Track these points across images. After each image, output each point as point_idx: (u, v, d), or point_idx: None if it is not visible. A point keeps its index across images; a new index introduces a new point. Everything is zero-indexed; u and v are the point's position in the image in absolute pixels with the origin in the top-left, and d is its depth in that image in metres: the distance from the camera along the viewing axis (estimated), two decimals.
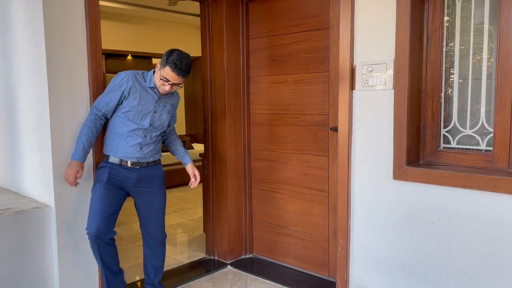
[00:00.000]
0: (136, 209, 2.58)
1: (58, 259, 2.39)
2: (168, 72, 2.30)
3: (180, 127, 8.61)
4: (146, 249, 2.63)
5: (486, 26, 2.26)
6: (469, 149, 2.36)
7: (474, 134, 2.34)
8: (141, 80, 2.42)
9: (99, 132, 2.41)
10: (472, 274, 2.19)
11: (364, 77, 2.49)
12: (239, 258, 3.46)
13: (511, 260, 2.07)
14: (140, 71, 2.46)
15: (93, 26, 2.47)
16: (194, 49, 7.26)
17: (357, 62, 2.53)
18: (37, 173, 2.50)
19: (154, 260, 2.62)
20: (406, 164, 2.37)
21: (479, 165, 2.28)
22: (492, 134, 2.25)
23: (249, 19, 3.31)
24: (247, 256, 3.51)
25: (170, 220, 4.65)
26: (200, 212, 4.41)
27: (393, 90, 2.38)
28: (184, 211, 5.04)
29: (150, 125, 2.44)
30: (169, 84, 2.34)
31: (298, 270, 3.21)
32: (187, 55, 2.35)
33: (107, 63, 6.76)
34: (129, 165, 2.42)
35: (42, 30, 2.29)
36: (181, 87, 2.44)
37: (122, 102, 2.37)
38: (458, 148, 2.39)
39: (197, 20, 3.60)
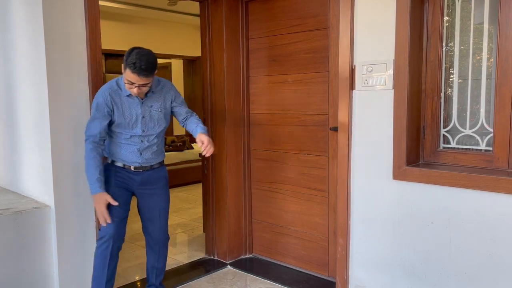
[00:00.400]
0: (138, 210, 2.57)
1: (57, 259, 2.39)
2: (129, 74, 2.18)
3: (180, 127, 8.60)
4: (148, 250, 2.63)
5: (486, 26, 2.26)
6: (469, 149, 2.36)
7: (473, 134, 2.34)
8: (118, 91, 2.33)
9: (101, 156, 2.35)
10: (472, 274, 2.19)
11: (364, 77, 2.49)
12: (239, 258, 3.46)
13: (511, 260, 2.07)
14: (115, 80, 2.36)
15: (93, 26, 2.47)
16: (194, 49, 7.27)
17: (357, 62, 2.53)
18: (37, 173, 2.50)
19: (156, 262, 2.62)
20: (406, 164, 2.37)
21: (479, 165, 2.28)
22: (491, 134, 2.25)
23: (249, 19, 3.31)
24: (247, 256, 3.51)
25: (170, 220, 4.61)
26: (200, 212, 4.41)
27: (393, 90, 2.38)
28: (184, 211, 5.04)
29: (143, 131, 2.39)
30: (135, 86, 2.22)
31: (298, 270, 3.21)
32: (148, 52, 2.22)
33: (107, 63, 6.77)
34: (132, 169, 2.42)
35: (42, 30, 2.29)
36: (149, 87, 2.29)
37: (111, 119, 2.33)
38: (458, 148, 2.39)
39: (197, 20, 3.60)
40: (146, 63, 2.17)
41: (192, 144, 7.18)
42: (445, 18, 2.37)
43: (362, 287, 2.62)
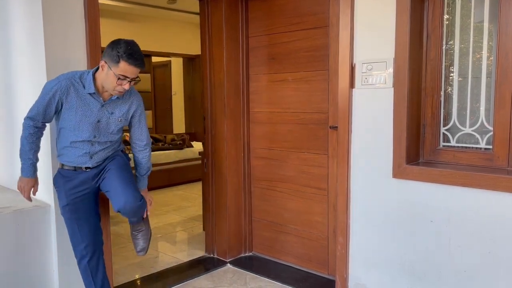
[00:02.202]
0: (105, 193, 2.31)
1: (57, 257, 2.39)
2: (125, 67, 1.99)
3: (180, 126, 8.61)
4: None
5: (486, 24, 2.26)
6: (469, 147, 2.36)
7: (473, 133, 2.34)
8: (78, 86, 2.09)
9: (40, 140, 2.21)
10: (471, 273, 2.19)
11: (364, 76, 2.49)
12: (238, 256, 3.47)
13: (510, 259, 2.07)
14: (79, 73, 2.14)
15: (92, 24, 2.46)
16: (193, 47, 7.26)
17: (356, 60, 2.52)
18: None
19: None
20: (406, 162, 2.36)
21: (478, 163, 2.28)
22: (491, 133, 2.25)
23: (249, 17, 3.31)
24: (246, 254, 3.51)
25: (170, 218, 4.65)
26: (199, 211, 4.41)
27: (393, 88, 2.38)
28: (183, 210, 5.04)
29: (94, 136, 2.17)
30: (128, 81, 2.04)
31: (297, 269, 3.21)
32: (134, 42, 2.06)
33: None
34: (83, 169, 2.23)
35: (41, 29, 2.28)
36: (139, 81, 2.11)
37: (58, 112, 2.13)
38: (458, 147, 2.39)
39: (197, 18, 3.59)
40: (140, 54, 2.03)
41: (192, 143, 7.18)
42: (445, 16, 2.36)
43: (361, 286, 2.63)
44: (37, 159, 2.18)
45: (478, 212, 2.15)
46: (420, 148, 2.47)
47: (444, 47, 2.38)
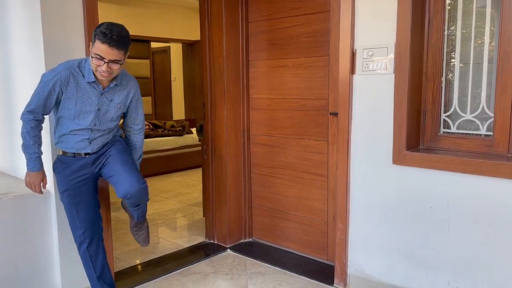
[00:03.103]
0: (106, 179, 2.32)
1: (58, 243, 2.40)
2: (98, 46, 1.93)
3: (179, 112, 8.60)
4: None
5: (488, 9, 2.23)
6: (469, 134, 2.35)
7: (474, 119, 2.33)
8: (78, 75, 2.07)
9: (41, 132, 2.19)
10: (470, 258, 2.21)
11: (365, 61, 2.47)
12: (238, 242, 3.49)
13: (509, 245, 2.08)
14: (77, 62, 2.11)
15: (90, 9, 2.43)
16: (193, 32, 7.20)
17: (357, 46, 2.50)
18: None
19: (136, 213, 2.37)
20: (406, 149, 2.36)
21: (479, 150, 2.28)
22: (492, 119, 2.25)
23: (249, 2, 3.27)
24: (246, 240, 3.53)
25: (170, 204, 4.67)
26: (199, 197, 4.43)
27: (394, 74, 2.37)
28: (183, 196, 5.05)
29: (95, 124, 2.17)
30: (105, 62, 1.96)
31: (297, 254, 3.23)
32: (119, 24, 2.00)
33: None
34: (82, 155, 2.23)
35: (39, 14, 2.25)
36: (122, 64, 2.01)
37: (58, 102, 2.12)
38: (458, 133, 2.39)
39: (196, 3, 3.55)
40: (118, 33, 1.94)
41: (191, 129, 7.18)
42: (447, 1, 2.34)
43: (360, 271, 2.65)
44: (41, 152, 2.17)
45: (477, 198, 2.16)
46: (420, 134, 2.47)
47: (445, 32, 2.36)
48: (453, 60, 2.38)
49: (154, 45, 8.00)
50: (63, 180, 2.23)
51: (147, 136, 6.07)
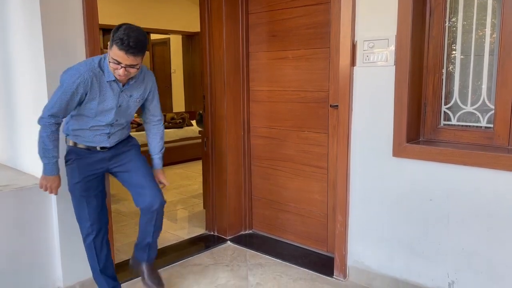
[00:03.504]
0: (124, 183, 2.35)
1: (59, 235, 2.41)
2: (115, 51, 1.94)
3: (179, 104, 8.59)
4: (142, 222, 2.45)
5: (489, 1, 2.22)
6: (470, 126, 2.35)
7: (474, 111, 2.33)
8: (99, 75, 2.06)
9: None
10: (469, 250, 2.22)
11: (365, 53, 2.46)
12: (238, 234, 3.50)
13: (508, 236, 2.09)
14: (97, 60, 2.08)
15: (89, 1, 2.42)
16: (192, 24, 7.17)
17: (358, 37, 2.49)
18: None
19: (151, 236, 2.45)
20: (406, 141, 2.36)
21: (479, 142, 2.28)
22: (493, 111, 2.24)
23: None
24: (246, 232, 3.54)
25: (170, 196, 4.68)
26: (200, 189, 4.43)
27: (394, 66, 2.36)
28: (184, 188, 5.06)
29: (116, 120, 2.19)
30: (122, 67, 1.97)
31: (297, 246, 3.25)
32: (137, 28, 1.98)
33: (104, 39, 6.67)
34: (98, 149, 2.24)
35: (38, 5, 2.24)
36: (137, 69, 2.04)
37: (80, 102, 2.10)
38: (459, 125, 2.38)
39: None
40: (135, 40, 1.93)
41: (192, 121, 7.17)
42: None
43: (360, 263, 2.66)
44: (59, 156, 2.16)
45: (477, 191, 2.16)
46: (420, 126, 2.47)
47: (446, 24, 2.35)
48: (454, 52, 2.37)
49: (153, 36, 7.97)
50: (77, 172, 2.22)
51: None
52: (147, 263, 2.47)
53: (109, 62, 2.00)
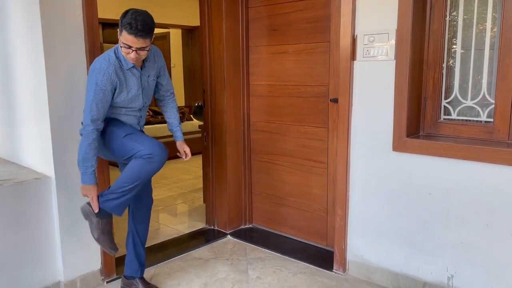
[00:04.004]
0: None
1: (59, 229, 2.42)
2: (126, 36, 2.02)
3: (179, 99, 8.56)
4: (133, 220, 2.48)
5: None
6: (470, 120, 2.35)
7: (475, 106, 2.33)
8: (120, 65, 2.14)
9: None
10: (468, 244, 2.23)
11: (366, 48, 2.46)
12: (238, 228, 3.51)
13: (507, 230, 2.10)
14: (112, 52, 2.15)
15: None
16: (192, 18, 7.14)
17: (358, 32, 2.48)
18: (36, 144, 2.50)
19: (143, 232, 2.50)
20: (406, 135, 2.36)
21: (479, 136, 2.28)
22: (493, 106, 2.24)
23: None
24: (246, 226, 3.55)
25: (171, 190, 4.69)
26: (200, 183, 4.44)
27: (395, 60, 2.35)
28: (184, 182, 5.07)
29: (145, 102, 2.32)
30: (133, 50, 2.05)
31: (297, 240, 3.26)
32: (144, 12, 2.07)
33: (104, 33, 6.66)
34: None
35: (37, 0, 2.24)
36: (147, 51, 2.12)
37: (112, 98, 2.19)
38: (459, 120, 2.38)
39: None
40: (143, 23, 2.01)
41: (191, 116, 7.17)
42: None
43: (359, 257, 2.67)
44: (97, 163, 2.18)
45: (477, 185, 2.17)
46: (420, 121, 2.47)
47: (447, 18, 2.34)
48: (454, 46, 2.37)
49: None
50: (123, 128, 2.22)
51: (147, 123, 6.05)
52: (140, 278, 2.52)
53: (121, 47, 2.08)
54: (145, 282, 2.53)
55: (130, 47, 2.04)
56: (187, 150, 2.55)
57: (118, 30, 2.07)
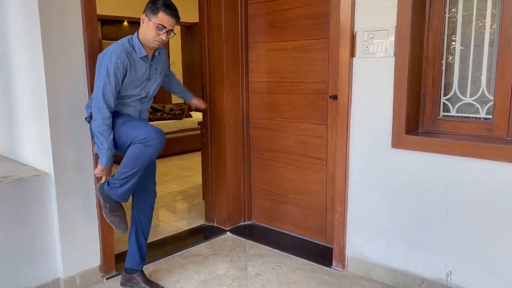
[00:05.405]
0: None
1: (59, 226, 2.42)
2: (162, 17, 2.17)
3: None
4: (138, 215, 2.53)
5: None
6: (469, 117, 2.35)
7: (474, 102, 2.33)
8: (132, 52, 2.23)
9: None
10: (467, 241, 2.23)
11: (365, 44, 2.45)
12: (238, 225, 3.51)
13: (506, 227, 2.10)
14: (126, 40, 2.24)
15: None
16: (191, 15, 7.12)
17: (357, 28, 2.48)
18: (36, 141, 2.49)
19: (146, 226, 2.56)
20: (405, 132, 2.36)
21: (478, 133, 2.28)
22: (492, 102, 2.24)
23: None
24: (246, 223, 3.56)
25: (170, 187, 4.69)
26: (199, 180, 4.44)
27: (394, 57, 2.35)
28: (183, 179, 5.07)
29: (147, 93, 2.36)
30: (165, 31, 2.20)
31: (296, 237, 3.26)
32: None
33: (103, 29, 6.64)
34: None
35: None
36: (175, 34, 2.30)
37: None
38: (458, 116, 2.38)
39: None
40: (175, 6, 2.22)
41: (190, 113, 7.16)
42: None
43: (358, 253, 2.68)
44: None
45: (476, 182, 2.17)
46: (420, 118, 2.47)
47: (447, 15, 2.34)
48: (453, 43, 2.37)
49: None
50: (121, 117, 2.28)
51: None
52: (141, 273, 2.54)
53: (155, 29, 2.18)
54: (146, 278, 2.54)
55: (163, 27, 2.19)
56: (202, 103, 2.97)
57: (145, 15, 2.21)
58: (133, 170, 2.20)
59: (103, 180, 2.29)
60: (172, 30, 2.25)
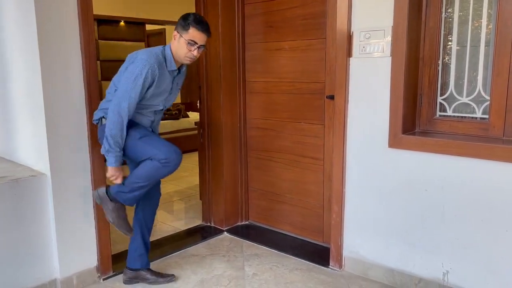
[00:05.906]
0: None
1: (55, 226, 2.41)
2: (193, 33, 2.21)
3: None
4: (144, 213, 2.57)
5: None
6: (465, 117, 2.36)
7: (470, 102, 2.34)
8: (163, 64, 2.27)
9: None
10: (464, 240, 2.24)
11: (362, 44, 2.46)
12: (235, 225, 3.51)
13: (503, 226, 2.11)
14: (159, 51, 2.28)
15: None
16: None
17: (354, 28, 2.48)
18: (32, 141, 2.49)
19: (150, 222, 2.61)
20: (402, 132, 2.37)
21: (474, 133, 2.29)
22: (488, 102, 2.25)
23: None
24: (243, 223, 3.56)
25: (167, 188, 4.68)
26: (196, 180, 4.44)
27: (391, 57, 2.36)
28: (180, 179, 5.07)
29: (164, 106, 2.41)
30: (196, 47, 2.24)
31: (293, 237, 3.26)
32: (201, 15, 2.31)
33: (99, 29, 6.62)
34: None
35: None
36: (206, 49, 2.36)
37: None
38: (454, 116, 2.39)
39: None
40: (206, 22, 2.25)
41: (187, 113, 7.15)
42: None
43: (355, 253, 2.68)
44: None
45: (472, 181, 2.18)
46: (416, 118, 2.47)
47: (443, 15, 2.35)
48: (450, 43, 2.37)
49: (149, 27, 7.88)
50: (138, 131, 2.28)
51: None
52: (148, 269, 2.59)
53: (186, 45, 2.21)
54: (153, 271, 2.59)
55: (195, 43, 2.22)
56: None
57: (177, 32, 2.25)
58: (145, 183, 2.28)
59: (118, 181, 2.28)
60: (204, 46, 2.27)
